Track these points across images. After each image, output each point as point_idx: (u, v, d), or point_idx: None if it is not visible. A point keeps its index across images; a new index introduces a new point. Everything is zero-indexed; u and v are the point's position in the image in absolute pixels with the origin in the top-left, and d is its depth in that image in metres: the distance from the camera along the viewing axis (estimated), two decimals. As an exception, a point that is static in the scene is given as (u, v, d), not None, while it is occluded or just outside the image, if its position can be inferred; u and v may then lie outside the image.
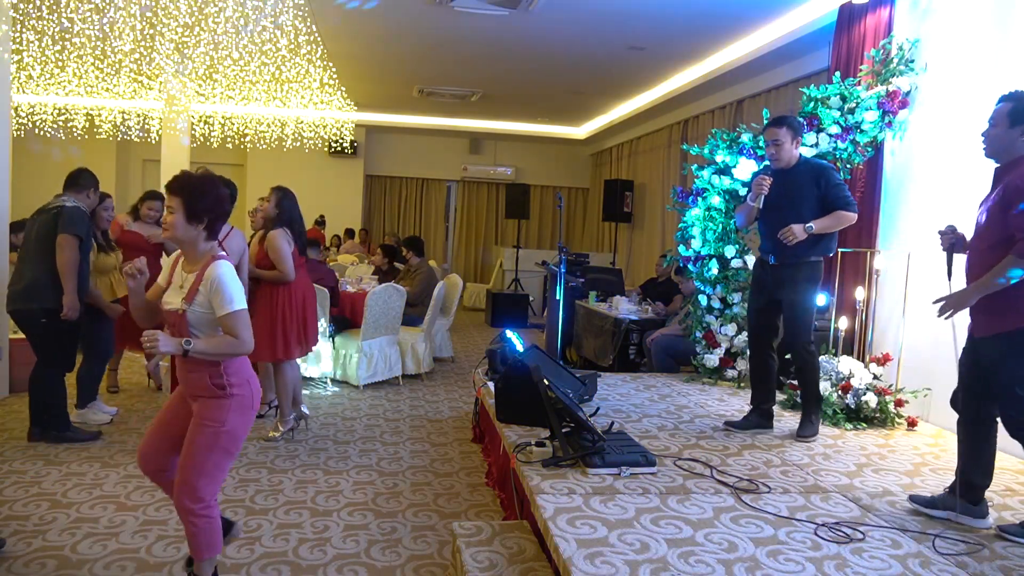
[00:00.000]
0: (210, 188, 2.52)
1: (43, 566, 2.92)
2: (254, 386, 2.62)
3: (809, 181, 3.89)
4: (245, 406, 2.57)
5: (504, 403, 3.86)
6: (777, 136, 3.90)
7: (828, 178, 3.88)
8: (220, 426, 2.50)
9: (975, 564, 2.49)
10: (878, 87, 4.91)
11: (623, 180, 11.87)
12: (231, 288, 2.46)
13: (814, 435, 3.94)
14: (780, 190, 3.94)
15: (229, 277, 2.47)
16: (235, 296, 2.46)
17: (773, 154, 3.95)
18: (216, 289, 2.44)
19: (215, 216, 2.52)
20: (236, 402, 2.54)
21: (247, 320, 2.50)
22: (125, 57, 7.72)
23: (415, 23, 7.28)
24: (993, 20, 4.27)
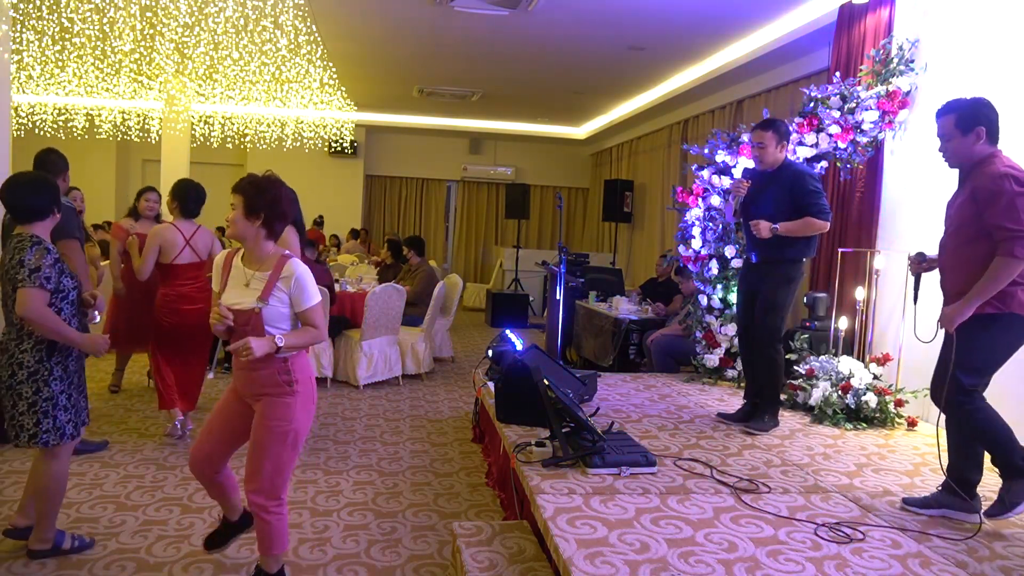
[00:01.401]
0: (268, 187, 2.64)
1: (43, 566, 2.92)
2: (314, 382, 2.75)
3: (785, 184, 3.99)
4: (308, 401, 2.69)
5: (504, 403, 3.86)
6: (762, 139, 4.01)
7: (803, 184, 3.95)
8: (288, 424, 2.60)
9: (975, 564, 2.49)
10: (878, 87, 4.91)
11: (623, 180, 11.87)
12: (311, 284, 2.63)
13: (763, 431, 3.96)
14: (761, 191, 4.06)
15: (309, 274, 2.64)
16: (315, 291, 2.64)
17: (757, 156, 4.08)
18: (299, 285, 2.59)
19: (272, 214, 2.61)
20: (301, 398, 2.64)
21: (323, 312, 2.67)
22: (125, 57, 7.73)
23: (415, 23, 7.28)
24: (993, 20, 4.27)
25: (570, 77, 9.27)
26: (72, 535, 3.06)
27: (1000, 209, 2.73)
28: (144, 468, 4.06)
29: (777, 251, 4.00)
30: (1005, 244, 2.71)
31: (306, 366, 2.70)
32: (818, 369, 4.58)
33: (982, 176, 2.83)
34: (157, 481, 3.87)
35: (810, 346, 4.92)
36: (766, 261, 4.06)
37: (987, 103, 2.93)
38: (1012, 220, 2.70)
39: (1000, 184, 2.74)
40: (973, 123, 2.87)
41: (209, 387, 5.99)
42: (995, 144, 2.91)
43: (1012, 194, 2.71)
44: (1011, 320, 2.81)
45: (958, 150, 2.94)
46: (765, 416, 4.04)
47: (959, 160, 2.97)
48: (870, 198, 5.17)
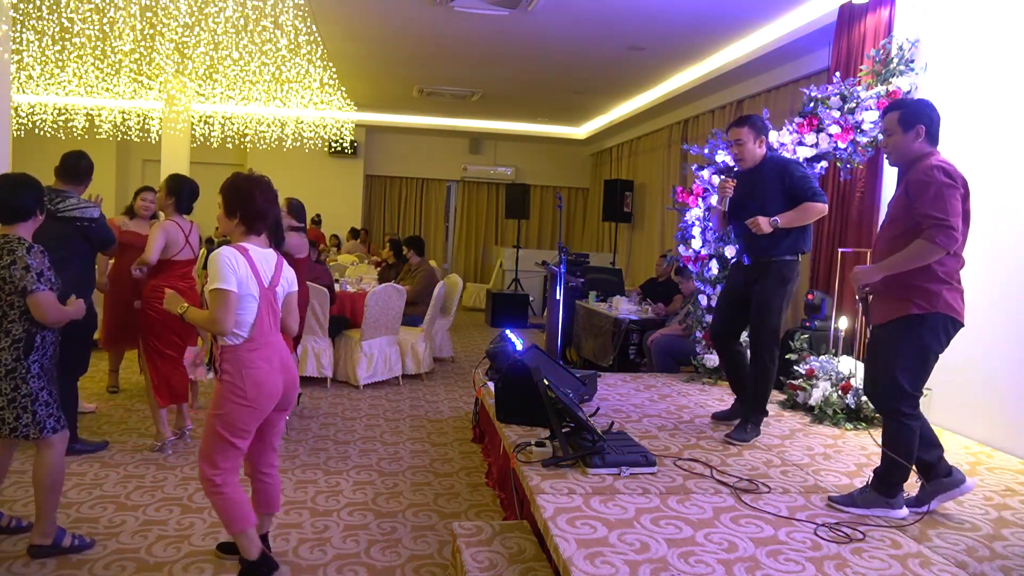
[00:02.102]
0: (242, 185, 2.76)
1: (43, 565, 2.92)
2: (250, 377, 2.69)
3: (774, 177, 3.87)
4: (235, 393, 2.68)
5: (504, 403, 3.86)
6: (739, 136, 3.90)
7: (792, 171, 3.85)
8: (216, 409, 2.71)
9: (975, 564, 2.49)
10: (878, 87, 4.91)
11: (623, 180, 11.87)
12: (220, 268, 2.63)
13: (744, 442, 3.79)
14: (747, 190, 3.94)
15: (221, 259, 2.64)
16: (220, 276, 2.62)
17: (736, 154, 3.96)
18: (210, 266, 2.66)
19: (247, 213, 2.74)
20: (227, 388, 2.70)
21: (225, 301, 2.62)
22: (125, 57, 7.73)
23: (415, 23, 7.28)
24: (993, 20, 4.27)
25: (570, 77, 9.27)
26: (73, 534, 3.07)
27: (928, 199, 2.79)
28: (144, 468, 4.06)
29: (773, 248, 3.85)
30: (929, 231, 2.77)
31: (237, 360, 2.70)
32: (818, 369, 4.58)
33: (915, 170, 2.90)
34: (157, 481, 3.87)
35: (810, 346, 4.92)
36: (760, 262, 3.91)
37: (931, 105, 3.02)
38: (938, 210, 2.76)
39: (931, 175, 2.81)
40: (915, 121, 2.94)
41: (208, 387, 6.00)
42: (934, 145, 2.97)
43: (940, 184, 2.78)
44: (936, 320, 2.85)
45: (898, 146, 2.99)
46: (748, 426, 3.88)
47: (898, 156, 3.03)
48: (870, 198, 5.17)
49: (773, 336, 3.90)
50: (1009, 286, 3.99)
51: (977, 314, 4.08)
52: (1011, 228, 4.02)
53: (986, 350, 4.08)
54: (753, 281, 3.95)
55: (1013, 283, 3.97)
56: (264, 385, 2.71)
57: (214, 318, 2.63)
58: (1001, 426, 3.97)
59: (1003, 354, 4.00)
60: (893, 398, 2.89)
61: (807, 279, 5.94)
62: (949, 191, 2.77)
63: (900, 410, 2.89)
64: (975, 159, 4.25)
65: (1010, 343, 3.97)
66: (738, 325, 4.14)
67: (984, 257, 4.12)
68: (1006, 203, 4.05)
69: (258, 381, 2.70)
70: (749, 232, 3.86)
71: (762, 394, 3.94)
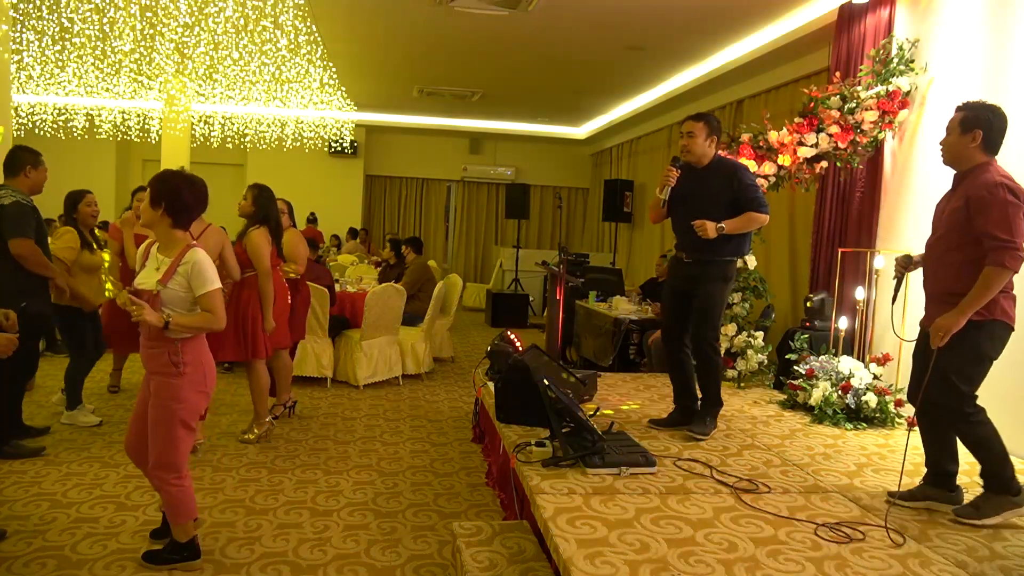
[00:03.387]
0: (168, 179, 2.87)
1: (43, 566, 2.92)
2: (206, 366, 2.88)
3: (721, 180, 3.84)
4: (196, 384, 2.83)
5: (504, 403, 3.86)
6: (692, 129, 3.86)
7: (741, 178, 3.84)
8: (174, 403, 2.79)
9: (975, 564, 2.49)
10: (878, 87, 4.91)
11: (623, 180, 11.87)
12: (208, 271, 2.81)
13: (704, 435, 3.81)
14: (691, 187, 3.90)
15: (207, 261, 2.83)
16: (213, 277, 2.82)
17: (684, 145, 3.91)
18: (197, 271, 2.78)
19: (172, 205, 2.83)
20: (188, 380, 2.80)
21: (221, 298, 2.86)
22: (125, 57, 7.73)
23: (415, 23, 7.28)
24: (993, 20, 4.27)
25: (570, 77, 9.27)
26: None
27: (992, 218, 2.75)
28: (144, 468, 4.06)
29: (715, 249, 3.83)
30: (995, 254, 2.74)
31: (198, 351, 2.85)
32: (818, 369, 4.58)
33: (976, 184, 2.85)
34: (157, 481, 3.87)
35: (810, 346, 4.92)
36: (701, 261, 3.89)
37: (996, 111, 2.93)
38: (1004, 230, 2.73)
39: (994, 193, 2.77)
40: (973, 125, 2.91)
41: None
42: (992, 153, 2.93)
43: (1005, 204, 2.74)
44: (993, 327, 2.86)
45: (952, 147, 2.99)
46: (707, 419, 3.89)
47: (951, 157, 3.01)
48: (870, 198, 5.17)
49: (715, 331, 3.91)
50: (1009, 286, 3.98)
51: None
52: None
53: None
54: (693, 278, 3.91)
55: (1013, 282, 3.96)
56: (212, 371, 2.93)
57: (220, 316, 2.81)
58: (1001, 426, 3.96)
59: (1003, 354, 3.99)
60: (955, 400, 2.89)
61: (807, 279, 5.94)
62: (1014, 210, 2.73)
63: (964, 412, 2.90)
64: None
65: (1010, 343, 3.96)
66: (686, 321, 4.07)
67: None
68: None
69: (212, 367, 2.93)
70: (692, 232, 3.81)
71: (714, 385, 3.93)
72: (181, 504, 2.86)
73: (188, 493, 2.88)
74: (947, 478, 3.04)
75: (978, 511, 2.87)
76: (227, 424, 5.01)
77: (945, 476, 3.04)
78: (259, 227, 4.54)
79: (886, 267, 4.92)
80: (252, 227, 4.55)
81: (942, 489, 3.02)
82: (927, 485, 3.06)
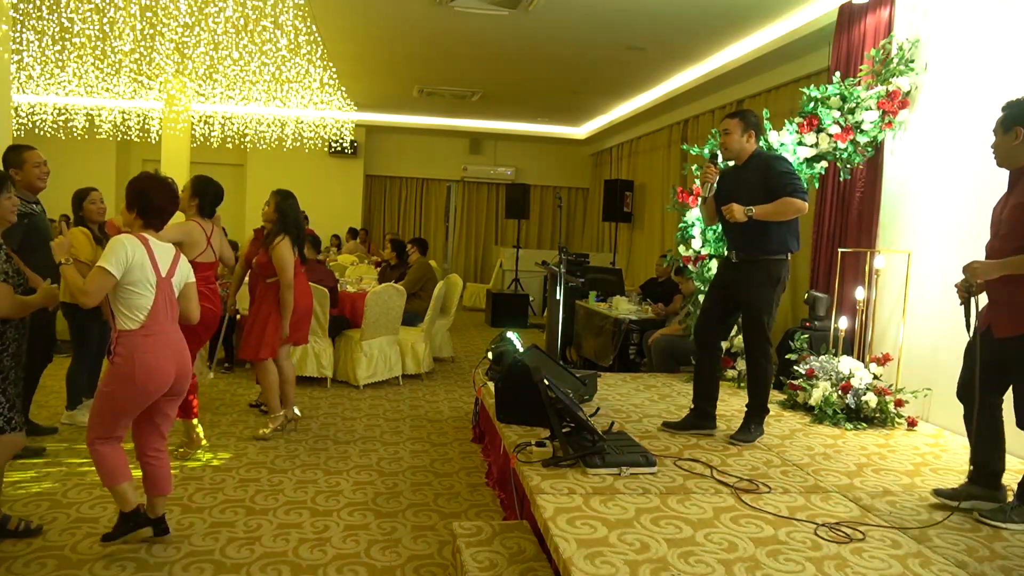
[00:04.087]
0: (136, 184, 3.01)
1: (43, 566, 2.92)
2: (139, 363, 2.86)
3: (758, 174, 3.81)
4: (124, 376, 2.86)
5: (504, 403, 3.86)
6: (728, 126, 3.85)
7: (773, 166, 3.79)
8: (103, 384, 2.94)
9: (975, 564, 2.49)
10: (878, 87, 4.91)
11: (623, 180, 11.87)
12: (113, 250, 2.83)
13: (747, 442, 3.79)
14: (735, 185, 3.88)
15: (118, 243, 2.84)
16: (110, 257, 2.81)
17: (722, 143, 3.92)
18: (107, 247, 2.86)
19: (141, 208, 2.97)
20: (115, 369, 2.87)
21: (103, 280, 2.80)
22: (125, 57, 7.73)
23: (415, 23, 7.28)
24: (993, 20, 4.27)
25: (570, 77, 9.27)
26: (20, 519, 3.16)
27: None
28: (144, 468, 4.06)
29: (759, 246, 3.80)
30: None
31: (131, 345, 2.86)
32: (818, 369, 4.58)
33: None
34: (157, 481, 3.87)
35: (810, 346, 4.92)
36: (747, 260, 3.86)
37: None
38: None
39: None
40: (1013, 123, 2.85)
41: (209, 387, 6.00)
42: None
43: None
44: None
45: (998, 148, 2.93)
46: (751, 426, 3.87)
47: (1002, 158, 2.94)
48: (870, 198, 5.17)
49: (766, 336, 3.86)
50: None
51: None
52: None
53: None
54: (740, 281, 3.89)
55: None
56: (154, 371, 2.89)
57: (86, 289, 2.81)
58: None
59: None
60: None
61: (807, 279, 5.94)
62: None
63: None
64: (975, 159, 4.25)
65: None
66: (723, 326, 4.10)
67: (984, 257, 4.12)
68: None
69: (148, 366, 2.88)
70: (737, 229, 3.82)
71: (762, 394, 3.91)
72: (99, 468, 2.99)
73: (105, 458, 2.96)
74: (994, 477, 3.00)
75: (1004, 515, 2.84)
76: (227, 424, 5.01)
77: (992, 475, 2.99)
78: (284, 237, 4.65)
79: (886, 267, 4.92)
80: (277, 237, 4.65)
81: (988, 488, 2.98)
82: (972, 484, 3.02)
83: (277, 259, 4.61)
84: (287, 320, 4.69)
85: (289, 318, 4.69)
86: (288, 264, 4.62)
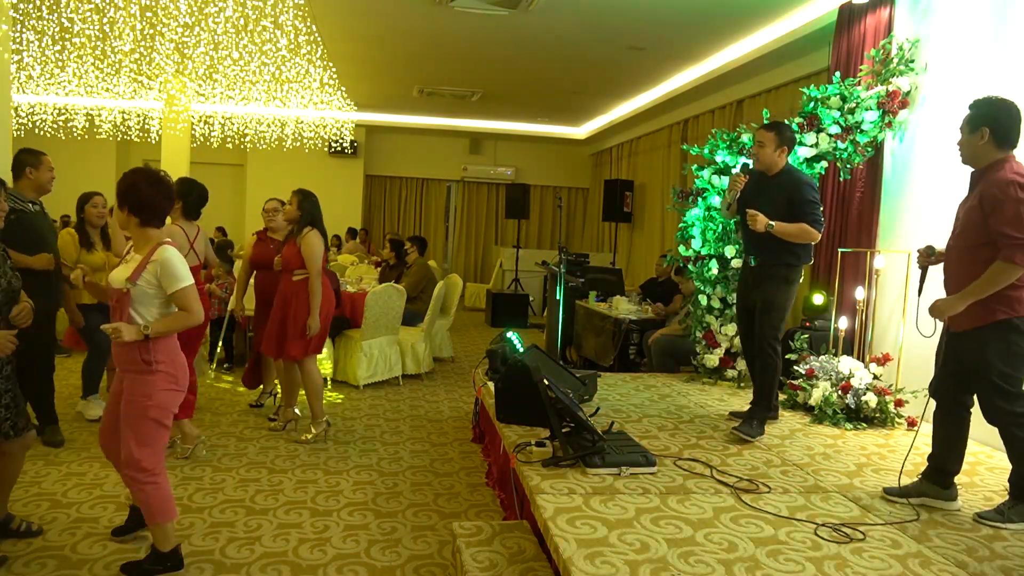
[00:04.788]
0: (127, 178, 2.88)
1: (43, 566, 2.92)
2: (179, 363, 2.85)
3: (784, 192, 3.95)
4: (168, 381, 2.79)
5: (504, 403, 3.86)
6: (763, 139, 4.00)
7: (803, 194, 3.92)
8: (146, 400, 2.75)
9: (975, 564, 2.49)
10: (878, 87, 4.91)
11: (623, 180, 11.87)
12: (180, 268, 2.78)
13: (751, 437, 3.82)
14: (759, 193, 4.04)
15: (177, 258, 2.79)
16: (184, 274, 2.78)
17: (755, 154, 4.09)
18: (166, 269, 2.75)
19: (134, 204, 2.81)
20: (161, 378, 2.77)
21: (196, 294, 2.82)
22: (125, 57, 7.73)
23: (415, 23, 7.28)
24: (993, 20, 4.27)
25: (570, 77, 9.27)
26: (23, 520, 3.16)
27: (1005, 216, 2.74)
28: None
29: (776, 257, 3.99)
30: (1006, 251, 2.74)
31: (169, 348, 2.82)
32: (818, 369, 4.58)
33: (989, 182, 2.84)
34: (157, 481, 3.87)
35: (810, 346, 4.92)
36: (766, 264, 4.04)
37: (1003, 105, 2.89)
38: (1015, 228, 2.72)
39: (1006, 191, 2.75)
40: (980, 123, 2.88)
41: (208, 387, 6.00)
42: (1008, 148, 2.88)
43: (1017, 201, 2.72)
44: (1022, 323, 2.82)
45: (963, 147, 2.98)
46: (753, 422, 3.92)
47: (966, 157, 2.99)
48: (870, 198, 5.17)
49: (775, 331, 4.00)
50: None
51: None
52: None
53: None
54: (758, 282, 4.07)
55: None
56: (186, 369, 2.91)
57: (195, 312, 2.78)
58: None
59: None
60: (1006, 401, 2.86)
61: (808, 279, 5.94)
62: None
63: (1014, 412, 2.86)
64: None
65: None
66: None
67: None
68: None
69: (184, 367, 2.89)
70: (756, 237, 3.99)
71: (767, 388, 4.02)
72: (154, 503, 2.76)
73: (163, 492, 2.78)
74: (946, 476, 3.06)
75: (1003, 517, 2.87)
76: (227, 424, 5.01)
77: (945, 474, 3.06)
78: (312, 228, 4.62)
79: (886, 267, 4.92)
80: (306, 228, 4.61)
81: (938, 486, 3.04)
82: (924, 481, 3.07)
83: (307, 248, 4.53)
84: (316, 312, 4.54)
85: (318, 307, 4.55)
86: (317, 254, 4.54)
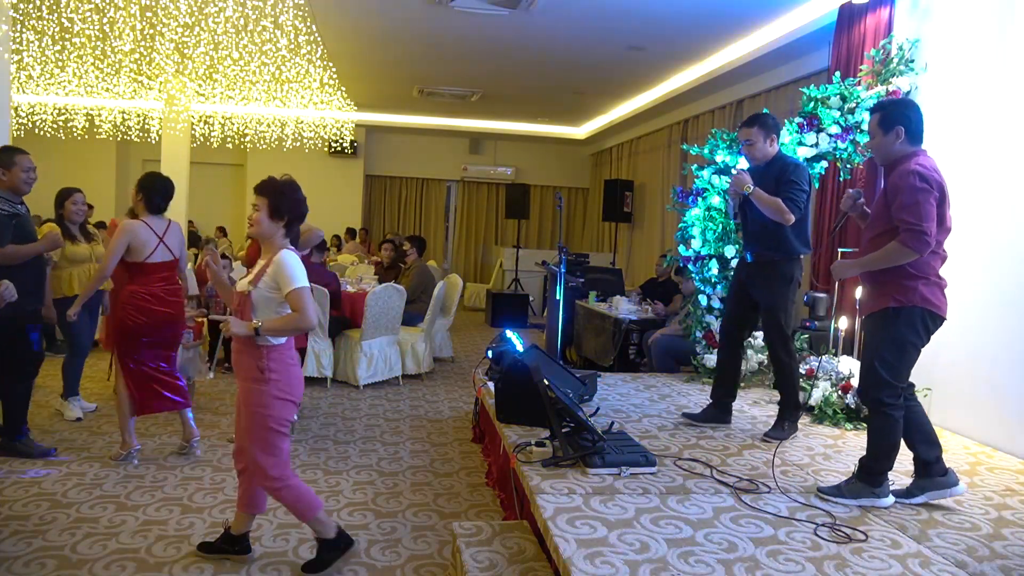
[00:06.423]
0: (290, 192, 2.85)
1: (43, 566, 2.92)
2: (294, 374, 2.87)
3: (774, 177, 3.90)
4: (282, 391, 2.81)
5: (504, 403, 3.86)
6: (748, 136, 3.95)
7: (787, 174, 3.86)
8: (262, 409, 2.80)
9: (975, 564, 2.49)
10: (878, 87, 4.91)
11: (623, 180, 11.87)
12: (295, 269, 2.77)
13: (780, 440, 3.83)
14: (758, 183, 3.95)
15: (293, 260, 2.79)
16: (298, 276, 2.77)
17: (748, 153, 4.04)
18: (280, 270, 2.75)
19: (294, 216, 2.85)
20: (273, 387, 2.79)
21: (310, 297, 2.79)
22: (125, 57, 7.73)
23: (415, 23, 7.28)
24: (993, 20, 4.27)
25: (570, 77, 9.27)
26: None
27: (903, 203, 2.87)
28: (144, 468, 4.06)
29: (771, 247, 3.91)
30: (903, 235, 2.87)
31: (283, 358, 2.83)
32: (818, 369, 4.58)
33: (894, 173, 2.98)
34: (157, 481, 3.87)
35: (810, 346, 4.92)
36: (761, 259, 3.98)
37: (910, 104, 3.08)
38: (911, 214, 2.85)
39: (907, 180, 2.88)
40: (894, 123, 3.00)
41: (209, 387, 6.00)
42: (917, 144, 3.03)
43: (915, 190, 2.86)
44: (912, 313, 2.93)
45: (880, 148, 3.08)
46: (785, 424, 3.94)
47: (882, 158, 3.12)
48: (870, 198, 5.15)
49: (783, 334, 3.97)
50: (1008, 286, 3.99)
51: (976, 313, 4.09)
52: (1010, 228, 4.02)
53: (986, 349, 4.08)
54: (755, 280, 4.02)
55: (1012, 283, 3.97)
56: (301, 381, 2.94)
57: (308, 315, 2.74)
58: (1001, 426, 3.97)
59: (1003, 353, 4.00)
60: (874, 387, 2.99)
61: (807, 279, 5.94)
62: (923, 196, 2.85)
63: (881, 399, 2.98)
64: (974, 158, 4.25)
65: (1010, 342, 3.97)
66: (746, 321, 4.20)
67: (983, 257, 4.12)
68: (1005, 202, 4.05)
69: (299, 379, 2.93)
70: (752, 230, 3.96)
71: (790, 388, 3.99)
72: (295, 504, 2.88)
73: (298, 492, 2.88)
74: (931, 465, 3.05)
75: (839, 491, 3.01)
76: (227, 424, 5.01)
77: (929, 464, 3.05)
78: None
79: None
80: None
81: (933, 477, 3.04)
82: (920, 478, 3.08)
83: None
84: None
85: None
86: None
